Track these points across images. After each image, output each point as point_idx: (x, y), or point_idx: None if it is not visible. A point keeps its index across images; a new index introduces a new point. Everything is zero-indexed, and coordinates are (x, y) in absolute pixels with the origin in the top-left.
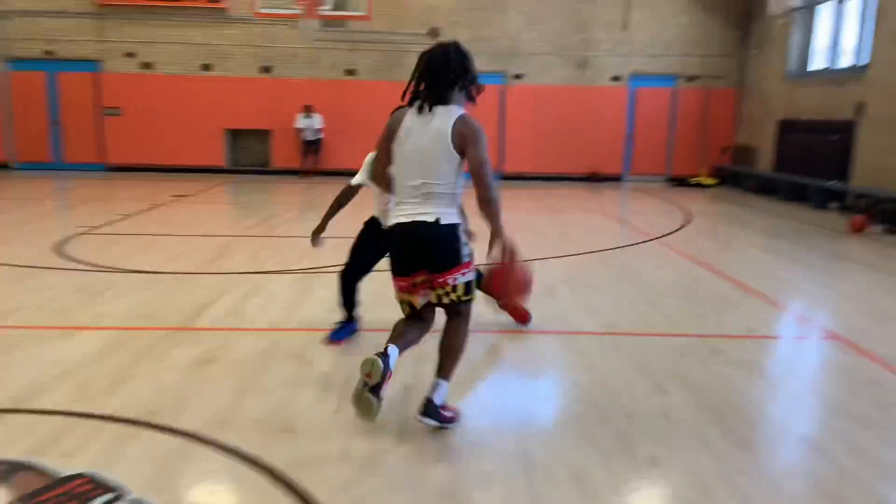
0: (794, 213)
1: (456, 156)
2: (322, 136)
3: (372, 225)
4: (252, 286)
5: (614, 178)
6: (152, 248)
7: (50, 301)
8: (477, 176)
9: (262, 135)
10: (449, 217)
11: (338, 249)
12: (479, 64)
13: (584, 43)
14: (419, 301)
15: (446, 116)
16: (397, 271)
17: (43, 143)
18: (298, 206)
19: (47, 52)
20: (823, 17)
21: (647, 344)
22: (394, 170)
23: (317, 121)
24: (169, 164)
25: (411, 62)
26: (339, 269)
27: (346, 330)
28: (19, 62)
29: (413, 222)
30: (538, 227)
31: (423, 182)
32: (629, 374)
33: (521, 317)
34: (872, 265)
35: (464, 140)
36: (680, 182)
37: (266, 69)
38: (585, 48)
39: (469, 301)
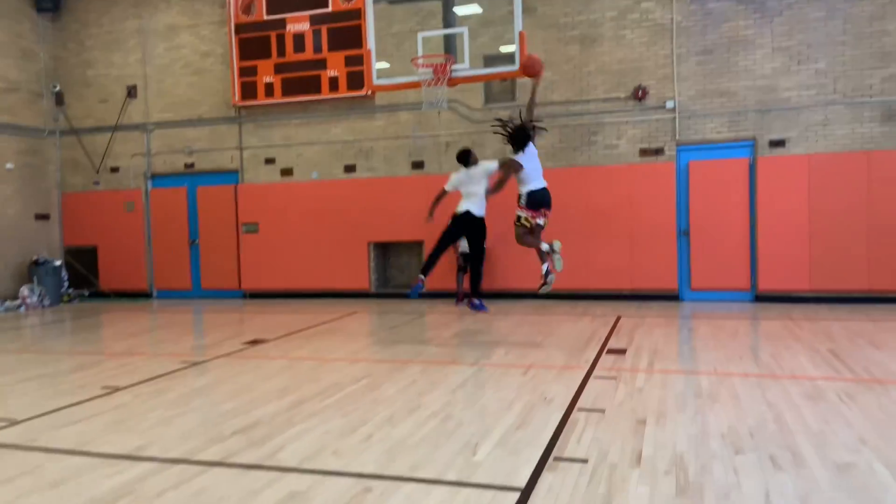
0: None
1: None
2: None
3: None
4: None
5: None
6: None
7: None
8: None
9: (415, 248)
10: None
11: None
12: (713, 131)
13: (893, 82)
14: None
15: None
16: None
17: (182, 267)
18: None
19: (187, 166)
20: None
21: None
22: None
23: None
24: (306, 289)
25: (604, 139)
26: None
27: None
28: (159, 178)
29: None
30: (848, 416)
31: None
32: None
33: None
34: None
35: None
36: None
37: (417, 165)
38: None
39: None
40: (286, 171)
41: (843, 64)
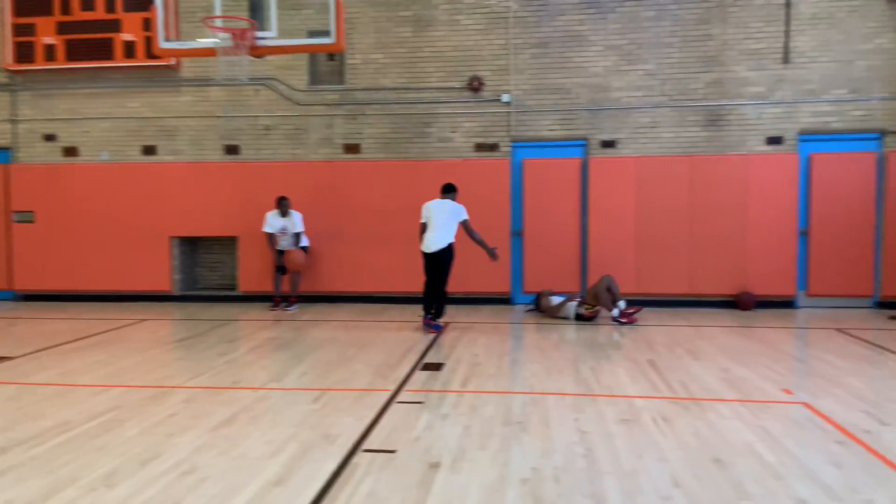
0: None
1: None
2: (306, 243)
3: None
4: None
5: (781, 303)
6: None
7: None
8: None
9: (227, 244)
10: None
11: None
12: (546, 129)
13: (715, 87)
14: None
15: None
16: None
17: None
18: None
19: None
20: None
21: None
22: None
23: (295, 222)
24: (96, 290)
25: (439, 130)
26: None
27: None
28: None
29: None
30: (663, 447)
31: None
32: None
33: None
34: None
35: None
36: None
37: (231, 150)
38: (719, 95)
39: None
40: (70, 151)
41: (670, 66)
